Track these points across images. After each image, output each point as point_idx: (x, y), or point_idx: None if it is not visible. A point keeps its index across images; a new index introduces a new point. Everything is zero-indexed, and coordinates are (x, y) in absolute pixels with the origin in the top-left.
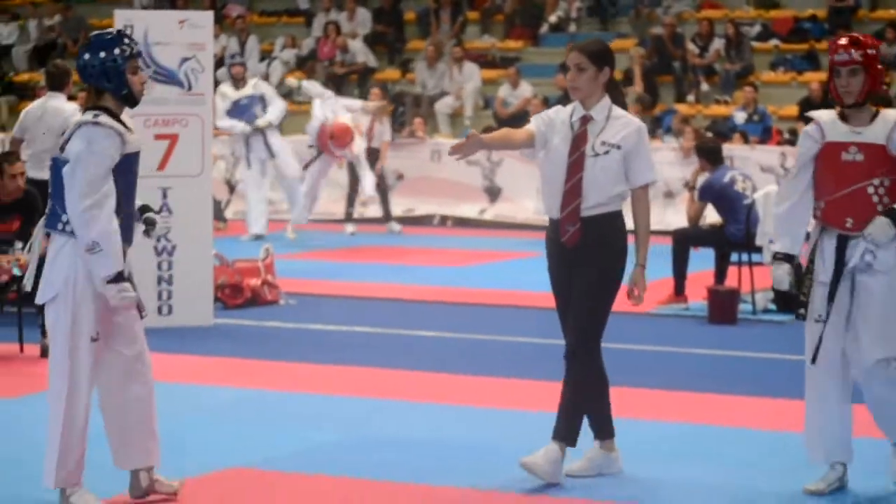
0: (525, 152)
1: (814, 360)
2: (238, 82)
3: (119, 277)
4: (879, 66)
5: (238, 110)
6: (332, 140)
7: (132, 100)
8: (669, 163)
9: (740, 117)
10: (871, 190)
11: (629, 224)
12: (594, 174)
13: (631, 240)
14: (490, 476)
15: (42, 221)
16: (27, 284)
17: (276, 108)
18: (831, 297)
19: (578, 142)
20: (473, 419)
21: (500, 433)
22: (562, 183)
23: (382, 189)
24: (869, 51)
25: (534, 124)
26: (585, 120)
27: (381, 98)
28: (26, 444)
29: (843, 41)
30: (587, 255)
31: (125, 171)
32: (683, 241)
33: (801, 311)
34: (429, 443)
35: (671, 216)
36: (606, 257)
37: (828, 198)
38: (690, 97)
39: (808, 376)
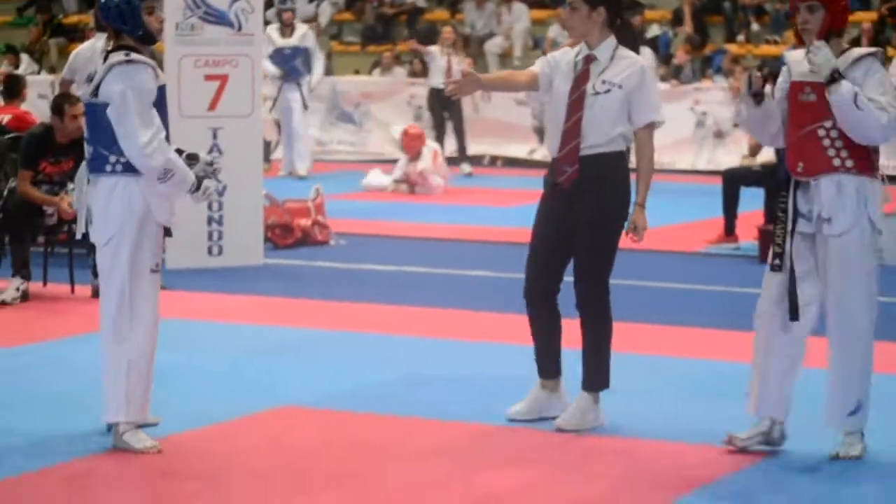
0: (531, 95)
1: (793, 315)
2: (286, 28)
3: (198, 186)
4: (842, 3)
5: (281, 59)
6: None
7: (149, 39)
8: (720, 102)
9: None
10: (822, 132)
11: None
12: (594, 113)
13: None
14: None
15: (83, 167)
16: (78, 231)
17: (318, 69)
18: (781, 246)
19: (580, 81)
20: (524, 357)
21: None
22: (562, 122)
23: (460, 128)
24: None
25: (538, 66)
26: (589, 59)
27: (452, 35)
28: (82, 383)
29: None
30: (585, 196)
31: (158, 104)
32: (733, 181)
33: (776, 262)
34: (479, 381)
35: (722, 156)
36: (606, 197)
37: (788, 140)
38: (740, 37)
39: (757, 324)
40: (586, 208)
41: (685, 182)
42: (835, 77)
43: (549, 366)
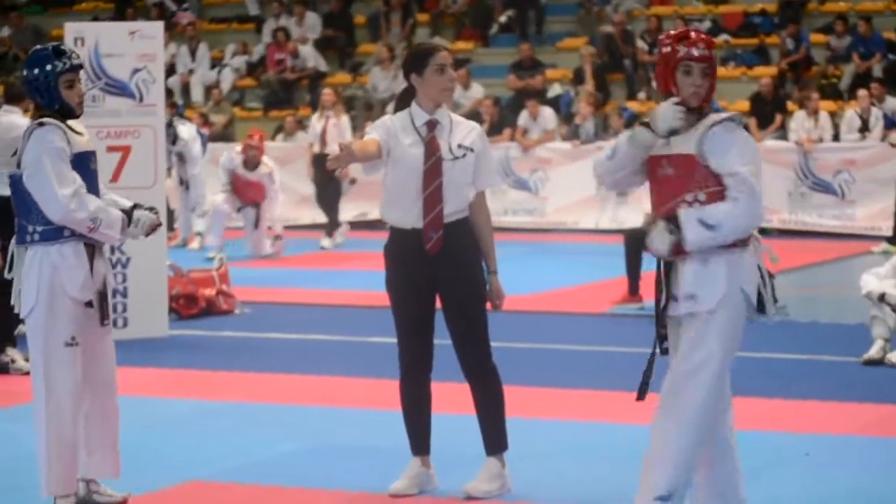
0: (372, 164)
1: (640, 395)
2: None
3: (128, 222)
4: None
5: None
6: None
7: (69, 113)
8: None
9: None
10: (684, 207)
11: None
12: (453, 178)
13: None
14: (454, 482)
15: (14, 239)
16: (14, 303)
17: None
18: (664, 327)
19: (431, 147)
20: (436, 426)
21: (467, 438)
22: (418, 190)
23: (336, 197)
24: (714, 51)
25: (376, 135)
26: (433, 125)
27: (333, 98)
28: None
29: (703, 35)
30: (453, 263)
31: (79, 168)
32: (636, 241)
33: (665, 344)
34: (387, 450)
35: (624, 214)
36: (473, 262)
37: (654, 216)
38: (641, 94)
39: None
40: (455, 275)
41: (589, 242)
42: (672, 231)
43: (424, 442)
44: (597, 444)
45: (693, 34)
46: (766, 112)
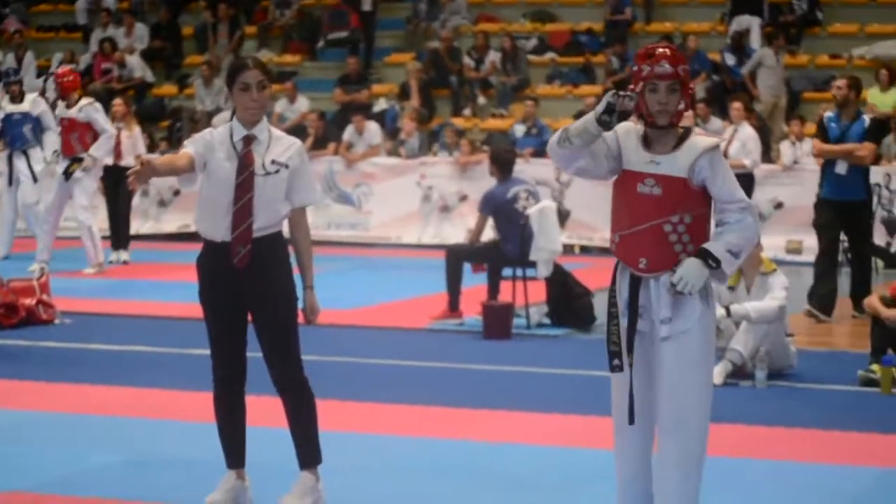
0: (186, 177)
1: (630, 420)
2: (15, 98)
3: None
4: (691, 83)
5: (10, 124)
6: None
7: None
8: (446, 176)
9: (520, 130)
10: (668, 228)
11: None
12: (265, 193)
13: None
14: (270, 495)
15: None
16: None
17: (51, 138)
18: (630, 345)
19: (245, 161)
20: (254, 439)
21: (277, 452)
22: (229, 204)
23: (127, 211)
24: (685, 66)
25: (191, 148)
26: (249, 140)
27: (124, 109)
28: None
29: (662, 50)
30: (262, 278)
31: None
32: (457, 257)
33: (616, 361)
34: (204, 463)
35: (447, 230)
36: (283, 277)
37: (622, 232)
38: (467, 111)
39: (614, 426)
40: (264, 289)
41: (411, 257)
42: (712, 266)
43: (239, 455)
44: (413, 459)
45: (659, 51)
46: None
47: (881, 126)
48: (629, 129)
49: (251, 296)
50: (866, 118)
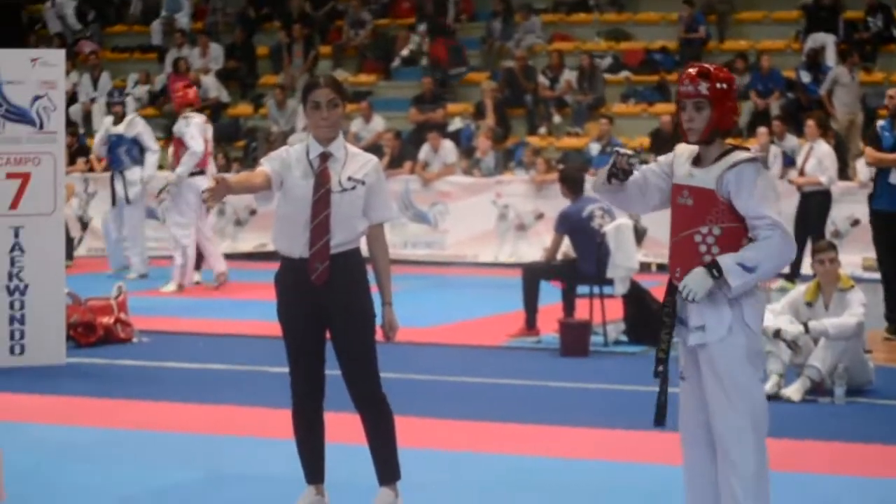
0: (262, 195)
1: (656, 421)
2: (118, 119)
3: None
4: (730, 103)
5: (109, 146)
6: None
7: None
8: (521, 195)
9: (595, 149)
10: (698, 238)
11: None
12: (342, 210)
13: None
14: None
15: None
16: None
17: (149, 160)
18: (664, 351)
19: (322, 179)
20: (333, 455)
21: (356, 468)
22: (306, 221)
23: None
24: (718, 84)
25: (268, 166)
26: (325, 157)
27: None
28: None
29: (692, 71)
30: (340, 294)
31: None
32: (534, 275)
33: (660, 367)
34: (283, 479)
35: (524, 248)
36: (361, 294)
37: (670, 242)
38: (542, 129)
39: (680, 439)
40: (342, 305)
41: (487, 275)
42: (715, 275)
43: (318, 471)
44: (491, 476)
45: (690, 70)
46: (666, 148)
47: None
48: (685, 148)
49: (329, 312)
50: None
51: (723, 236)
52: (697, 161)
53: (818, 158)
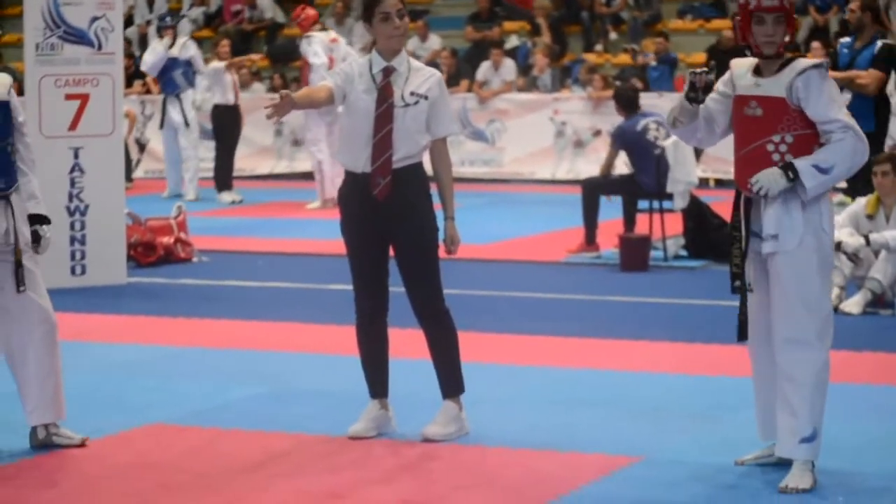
0: (325, 109)
1: (739, 336)
2: (169, 43)
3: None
4: (794, 16)
5: (163, 69)
6: None
7: None
8: (579, 112)
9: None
10: (770, 147)
11: None
12: (404, 125)
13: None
14: (413, 425)
15: None
16: None
17: (204, 83)
18: (738, 266)
19: (385, 93)
20: (397, 370)
21: (419, 383)
22: (369, 135)
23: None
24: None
25: (331, 80)
26: (389, 71)
27: (229, 49)
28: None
29: None
30: (403, 209)
31: None
32: (593, 190)
33: (737, 282)
34: (346, 394)
35: (581, 165)
36: (423, 209)
37: (736, 156)
38: (598, 46)
39: (748, 352)
40: (405, 220)
41: (545, 192)
42: (790, 177)
43: (382, 386)
44: (554, 389)
45: None
46: (724, 64)
47: (892, 52)
48: (742, 61)
49: (392, 227)
50: (879, 43)
51: (795, 143)
52: (758, 72)
53: None
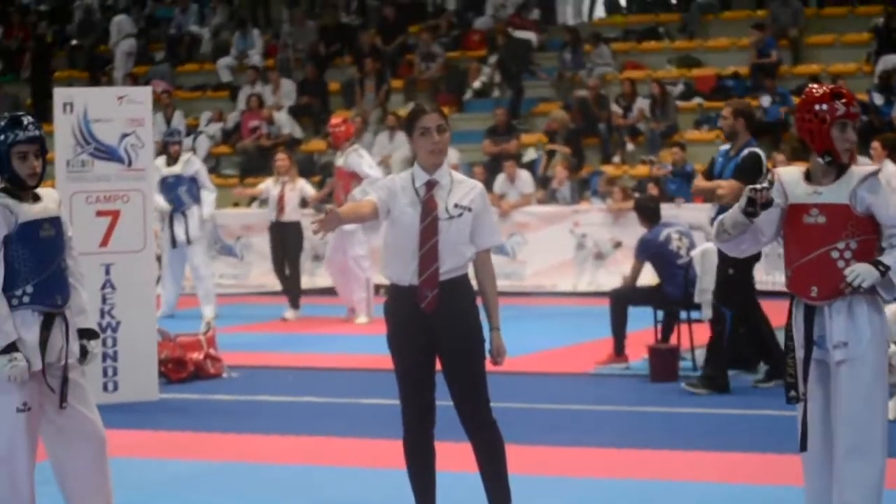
0: (369, 224)
1: (802, 446)
2: (171, 159)
3: (8, 349)
4: None
5: (166, 188)
6: None
7: (20, 184)
8: (598, 224)
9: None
10: (835, 255)
11: None
12: (449, 237)
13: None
14: None
15: None
16: None
17: (210, 198)
18: (805, 374)
19: (429, 206)
20: (443, 483)
21: (471, 496)
22: (415, 249)
23: (296, 266)
24: None
25: (375, 195)
26: (432, 185)
27: (287, 163)
28: None
29: (847, 91)
30: (450, 321)
31: (25, 239)
32: (621, 301)
33: (793, 393)
34: None
35: (602, 277)
36: (471, 320)
37: (793, 265)
38: (616, 158)
39: (802, 461)
40: (453, 333)
41: (567, 304)
42: (881, 270)
43: (430, 499)
44: (595, 499)
45: (845, 91)
46: (749, 173)
47: (755, 161)
48: (789, 170)
49: (440, 340)
50: (745, 151)
51: (859, 249)
52: (809, 179)
53: (885, 179)
